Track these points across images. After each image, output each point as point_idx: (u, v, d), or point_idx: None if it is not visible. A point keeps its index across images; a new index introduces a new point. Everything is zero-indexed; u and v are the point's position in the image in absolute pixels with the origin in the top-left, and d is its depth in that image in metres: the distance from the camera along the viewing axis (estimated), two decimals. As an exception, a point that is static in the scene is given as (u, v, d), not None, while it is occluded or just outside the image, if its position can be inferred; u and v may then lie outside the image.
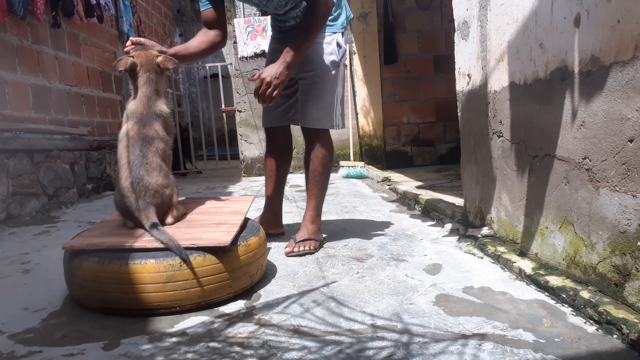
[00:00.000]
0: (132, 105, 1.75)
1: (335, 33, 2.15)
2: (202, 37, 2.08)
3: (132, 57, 1.76)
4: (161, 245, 1.46)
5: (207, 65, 5.75)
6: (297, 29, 2.04)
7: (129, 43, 1.84)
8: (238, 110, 5.63)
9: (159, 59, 1.78)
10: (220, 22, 2.12)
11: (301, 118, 2.17)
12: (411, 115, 5.68)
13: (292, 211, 3.10)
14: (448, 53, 5.21)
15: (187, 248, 1.46)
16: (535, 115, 1.65)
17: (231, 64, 5.76)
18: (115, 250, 1.46)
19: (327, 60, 2.12)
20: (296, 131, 3.88)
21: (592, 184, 1.37)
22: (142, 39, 1.86)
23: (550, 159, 1.56)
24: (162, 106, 1.77)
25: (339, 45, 2.15)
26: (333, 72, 2.14)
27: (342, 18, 2.18)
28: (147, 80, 1.75)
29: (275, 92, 1.94)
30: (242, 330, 1.32)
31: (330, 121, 2.18)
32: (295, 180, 4.95)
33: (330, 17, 2.12)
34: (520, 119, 1.76)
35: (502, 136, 1.91)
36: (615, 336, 1.18)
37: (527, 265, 1.64)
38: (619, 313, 1.20)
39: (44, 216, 3.22)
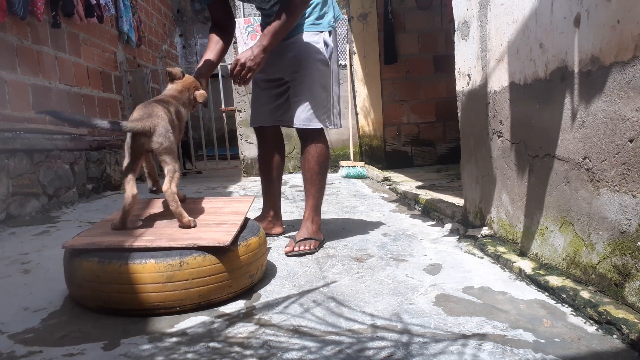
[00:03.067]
0: None
1: (322, 32, 2.15)
2: (221, 35, 2.14)
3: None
4: (162, 245, 1.47)
5: (207, 65, 5.74)
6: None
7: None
8: (238, 110, 5.63)
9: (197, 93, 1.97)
10: (227, 11, 2.16)
11: (295, 119, 2.15)
12: (411, 115, 5.68)
13: (292, 211, 3.10)
14: (448, 53, 5.22)
15: (187, 248, 1.46)
16: (535, 115, 1.65)
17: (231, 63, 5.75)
18: (115, 249, 1.46)
19: (314, 59, 2.12)
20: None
21: (592, 184, 1.37)
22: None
23: (550, 159, 1.56)
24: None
25: (326, 44, 2.14)
26: (322, 70, 2.14)
27: (329, 17, 2.18)
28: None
29: (250, 75, 1.96)
30: (242, 330, 1.32)
31: (328, 120, 2.18)
32: (295, 180, 4.95)
33: (315, 16, 2.13)
34: (520, 119, 1.76)
35: (502, 136, 1.91)
36: (615, 336, 1.18)
37: (527, 265, 1.64)
38: (619, 313, 1.20)
39: (44, 216, 3.22)
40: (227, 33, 2.17)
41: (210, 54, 2.12)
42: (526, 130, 1.72)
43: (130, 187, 1.63)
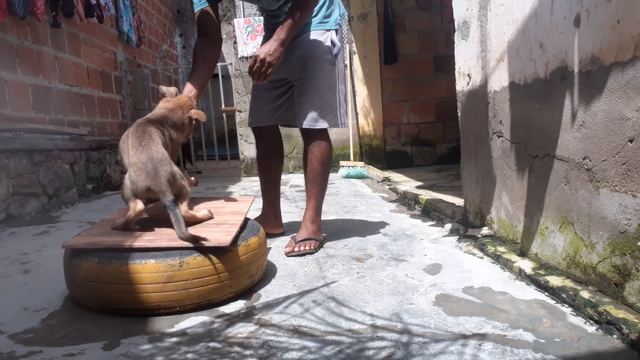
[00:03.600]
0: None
1: (328, 30, 2.14)
2: (207, 52, 2.05)
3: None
4: (162, 245, 1.47)
5: (207, 65, 5.74)
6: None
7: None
8: (238, 110, 5.63)
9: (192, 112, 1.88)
10: (216, 21, 2.10)
11: (302, 119, 2.15)
12: (411, 115, 5.68)
13: (292, 211, 3.10)
14: (448, 53, 5.22)
15: (187, 248, 1.46)
16: (535, 115, 1.65)
17: (231, 64, 5.75)
18: (115, 249, 1.46)
19: (322, 59, 2.11)
20: (297, 130, 3.87)
21: (592, 184, 1.37)
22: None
23: (550, 159, 1.56)
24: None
25: (333, 43, 2.13)
26: (329, 70, 2.13)
27: (335, 15, 2.17)
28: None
29: (270, 70, 1.94)
30: (242, 330, 1.32)
31: (334, 120, 2.17)
32: (295, 180, 4.95)
33: (323, 14, 2.12)
34: (520, 119, 1.76)
35: (502, 136, 1.91)
36: (615, 336, 1.18)
37: (527, 265, 1.64)
38: (619, 313, 1.20)
39: (44, 216, 3.22)
40: (214, 46, 2.09)
41: (198, 75, 2.03)
42: (526, 130, 1.72)
43: (137, 204, 1.61)
